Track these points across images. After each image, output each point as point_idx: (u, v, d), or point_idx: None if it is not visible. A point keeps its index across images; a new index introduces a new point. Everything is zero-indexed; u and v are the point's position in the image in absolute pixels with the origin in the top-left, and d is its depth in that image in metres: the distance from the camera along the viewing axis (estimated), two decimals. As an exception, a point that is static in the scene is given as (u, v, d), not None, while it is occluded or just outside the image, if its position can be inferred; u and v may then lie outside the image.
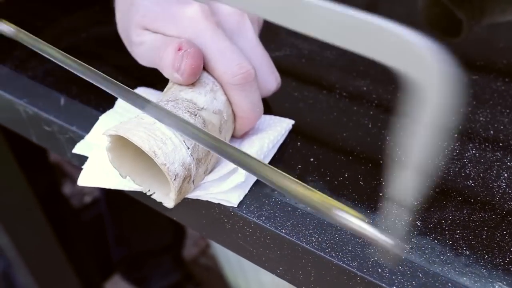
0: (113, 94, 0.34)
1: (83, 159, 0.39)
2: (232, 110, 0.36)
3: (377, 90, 0.43)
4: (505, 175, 0.35)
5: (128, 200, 0.43)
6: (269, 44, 0.48)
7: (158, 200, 0.34)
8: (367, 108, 0.41)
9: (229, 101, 0.35)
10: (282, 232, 0.33)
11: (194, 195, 0.35)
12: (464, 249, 0.31)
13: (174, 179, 0.31)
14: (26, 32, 0.37)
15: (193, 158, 0.32)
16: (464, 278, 0.30)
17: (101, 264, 1.23)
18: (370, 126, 0.40)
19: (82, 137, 0.40)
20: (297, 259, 0.33)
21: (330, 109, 0.41)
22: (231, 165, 0.34)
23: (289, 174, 0.36)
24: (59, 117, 0.42)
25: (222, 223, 0.36)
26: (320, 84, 0.44)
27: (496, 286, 0.29)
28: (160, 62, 0.35)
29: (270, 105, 0.41)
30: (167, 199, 0.33)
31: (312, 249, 0.32)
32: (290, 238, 0.33)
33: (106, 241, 1.20)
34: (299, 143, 0.39)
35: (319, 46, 0.48)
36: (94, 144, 0.38)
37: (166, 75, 0.35)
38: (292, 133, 0.39)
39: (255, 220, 0.34)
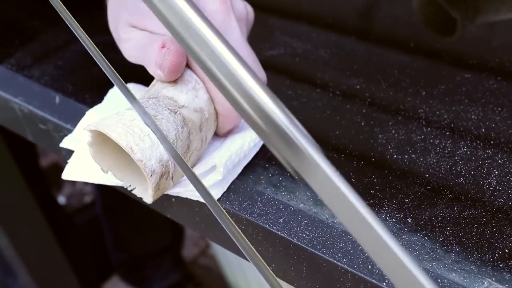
0: (112, 81, 0.34)
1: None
2: (215, 108, 0.36)
3: (370, 88, 0.43)
4: (496, 172, 0.35)
5: (124, 203, 0.43)
6: (263, 43, 0.49)
7: (138, 195, 0.34)
8: (360, 106, 0.41)
9: (211, 99, 0.36)
10: (274, 229, 0.33)
11: (173, 191, 0.35)
12: (454, 246, 0.31)
13: (151, 175, 0.31)
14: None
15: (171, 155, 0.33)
16: (454, 274, 0.30)
17: (100, 265, 1.23)
18: (362, 124, 0.40)
19: (77, 136, 0.41)
20: (289, 256, 0.33)
21: (323, 107, 0.42)
22: (210, 163, 0.35)
23: (283, 172, 0.37)
24: (54, 116, 0.42)
25: (215, 220, 0.36)
26: (314, 82, 0.44)
27: (485, 283, 0.29)
28: (145, 59, 0.35)
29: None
30: (147, 194, 0.33)
31: (303, 245, 0.32)
32: (282, 235, 0.33)
33: (105, 242, 1.20)
34: (292, 141, 0.39)
35: (313, 45, 0.48)
36: (79, 139, 0.39)
37: (150, 71, 0.36)
38: (285, 131, 0.39)
39: (247, 217, 0.34)
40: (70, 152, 0.40)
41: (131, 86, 0.42)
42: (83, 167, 0.37)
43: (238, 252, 0.37)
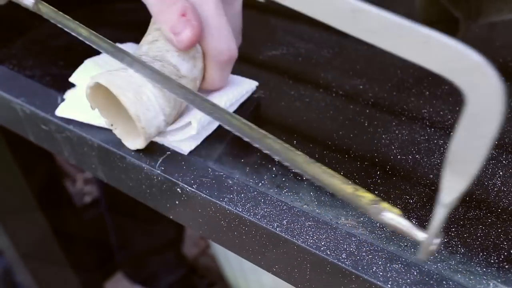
0: (104, 51, 0.36)
1: (79, 158, 0.39)
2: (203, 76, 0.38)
3: (373, 88, 0.43)
4: (500, 173, 0.35)
5: (128, 198, 0.43)
6: (266, 43, 0.49)
7: (118, 136, 0.38)
8: (363, 106, 0.41)
9: (204, 68, 0.38)
10: (277, 230, 0.33)
11: (157, 139, 0.39)
12: (459, 247, 0.31)
13: (147, 138, 0.36)
14: (45, 4, 0.39)
15: (166, 123, 0.36)
16: (459, 276, 0.30)
17: (102, 263, 1.23)
18: (366, 124, 0.40)
19: (79, 136, 0.40)
20: (293, 257, 0.33)
21: (327, 107, 0.41)
22: (186, 120, 0.37)
23: (286, 172, 0.37)
24: (56, 116, 0.42)
25: (218, 221, 0.36)
26: (317, 82, 0.44)
27: (491, 284, 0.29)
28: (161, 17, 0.35)
29: (266, 103, 0.42)
30: (127, 137, 0.37)
31: (307, 247, 0.32)
32: (286, 236, 0.33)
33: (107, 241, 1.20)
34: (295, 141, 0.39)
35: (316, 45, 0.48)
36: (77, 86, 0.42)
37: (162, 30, 0.36)
38: (288, 131, 0.39)
39: (250, 218, 0.34)
40: (72, 154, 0.40)
41: (130, 46, 0.44)
42: (75, 107, 0.41)
43: (238, 252, 0.37)
